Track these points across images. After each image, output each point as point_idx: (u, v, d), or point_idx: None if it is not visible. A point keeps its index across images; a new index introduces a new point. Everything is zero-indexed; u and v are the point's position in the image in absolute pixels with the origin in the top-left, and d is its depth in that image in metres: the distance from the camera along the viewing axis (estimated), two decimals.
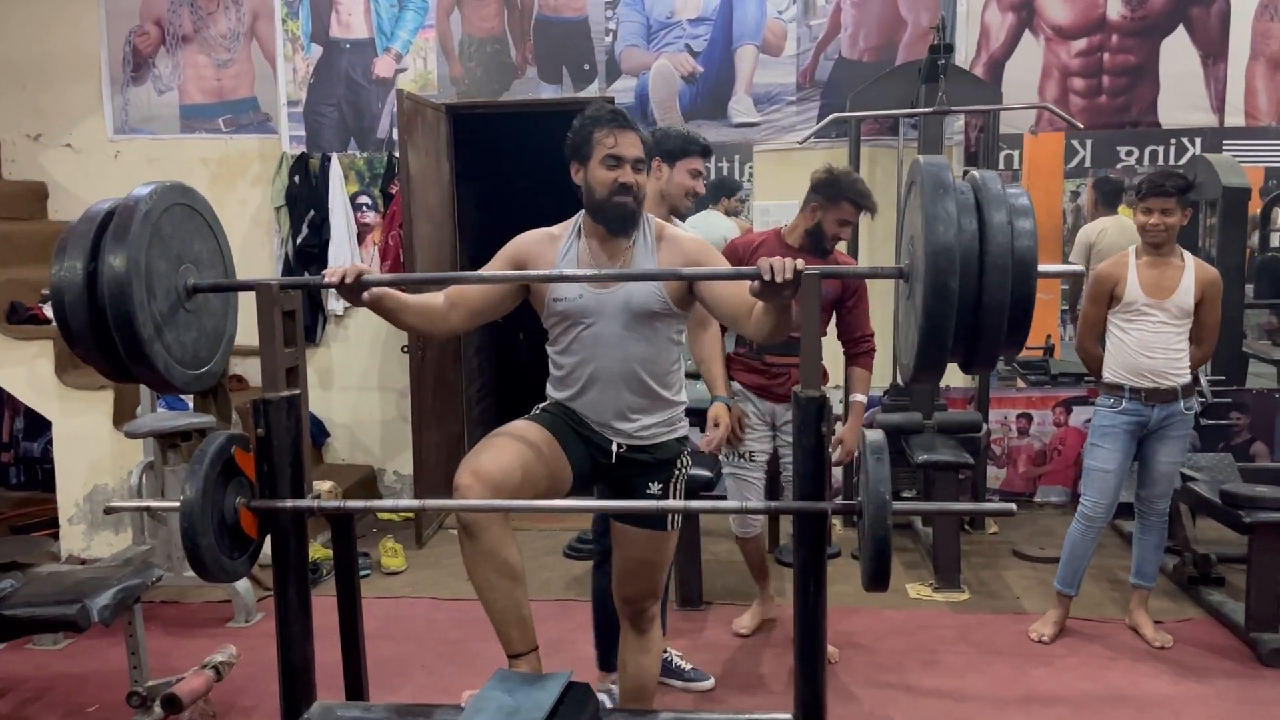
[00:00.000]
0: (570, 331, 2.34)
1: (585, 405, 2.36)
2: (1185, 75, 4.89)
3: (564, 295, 2.31)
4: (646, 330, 2.31)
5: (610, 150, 2.25)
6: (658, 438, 2.39)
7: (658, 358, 2.35)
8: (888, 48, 5.04)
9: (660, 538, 2.43)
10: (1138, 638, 3.62)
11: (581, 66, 5.24)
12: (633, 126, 2.30)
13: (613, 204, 2.27)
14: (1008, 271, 1.82)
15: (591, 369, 2.32)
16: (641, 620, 2.52)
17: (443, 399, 5.28)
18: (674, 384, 2.41)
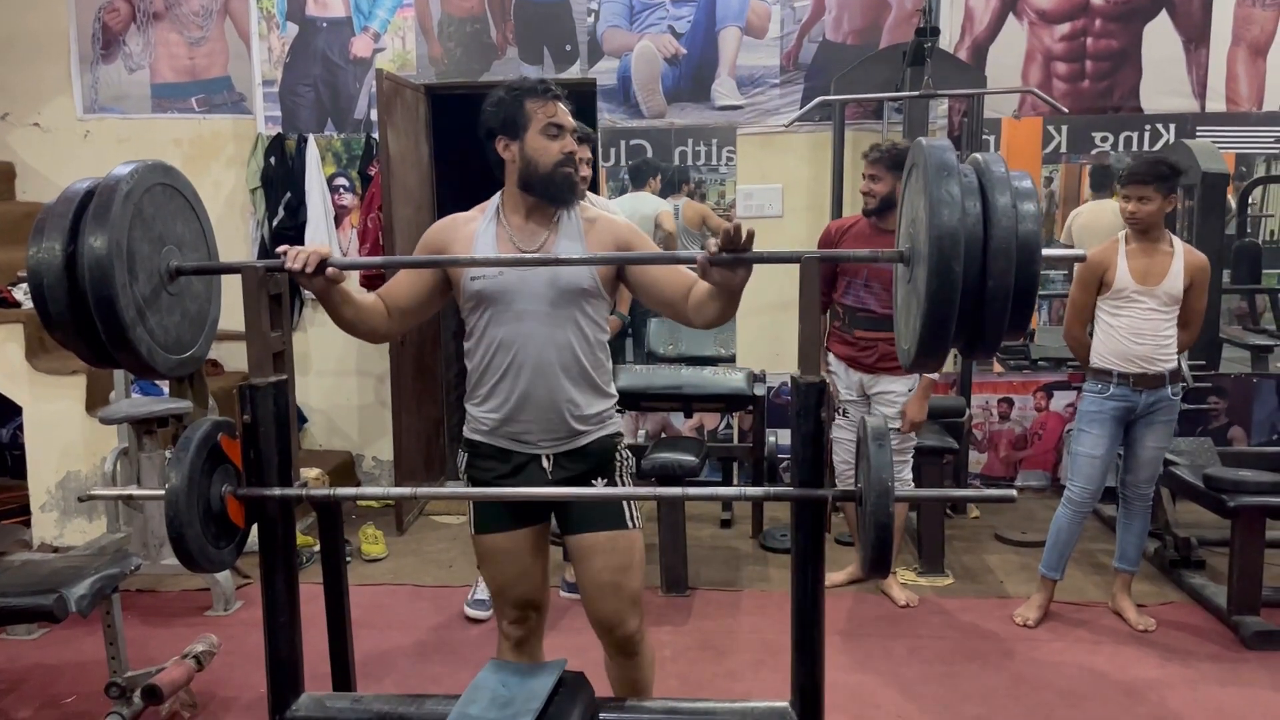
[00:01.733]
0: (489, 315, 2.20)
1: (505, 399, 2.21)
2: (1167, 60, 4.89)
3: (482, 273, 2.18)
4: (574, 310, 2.19)
5: (551, 119, 2.17)
6: (589, 436, 2.26)
7: (587, 343, 2.23)
8: (871, 30, 5.01)
9: (623, 538, 2.27)
10: (1121, 621, 3.64)
11: (563, 47, 5.18)
12: (563, 96, 2.23)
13: (560, 174, 2.18)
14: (1012, 256, 1.80)
15: (514, 355, 2.18)
16: (629, 645, 2.34)
17: (422, 384, 5.22)
18: (605, 372, 2.30)
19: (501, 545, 2.32)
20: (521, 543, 2.32)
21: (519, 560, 2.33)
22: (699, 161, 5.13)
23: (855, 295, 3.63)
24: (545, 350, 2.18)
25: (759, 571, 4.18)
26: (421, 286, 2.25)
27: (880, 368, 3.63)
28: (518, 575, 2.34)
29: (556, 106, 2.18)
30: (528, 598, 2.38)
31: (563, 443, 2.25)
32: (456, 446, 5.98)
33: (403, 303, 2.25)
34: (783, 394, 5.18)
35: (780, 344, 5.12)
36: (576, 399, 2.23)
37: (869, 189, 3.59)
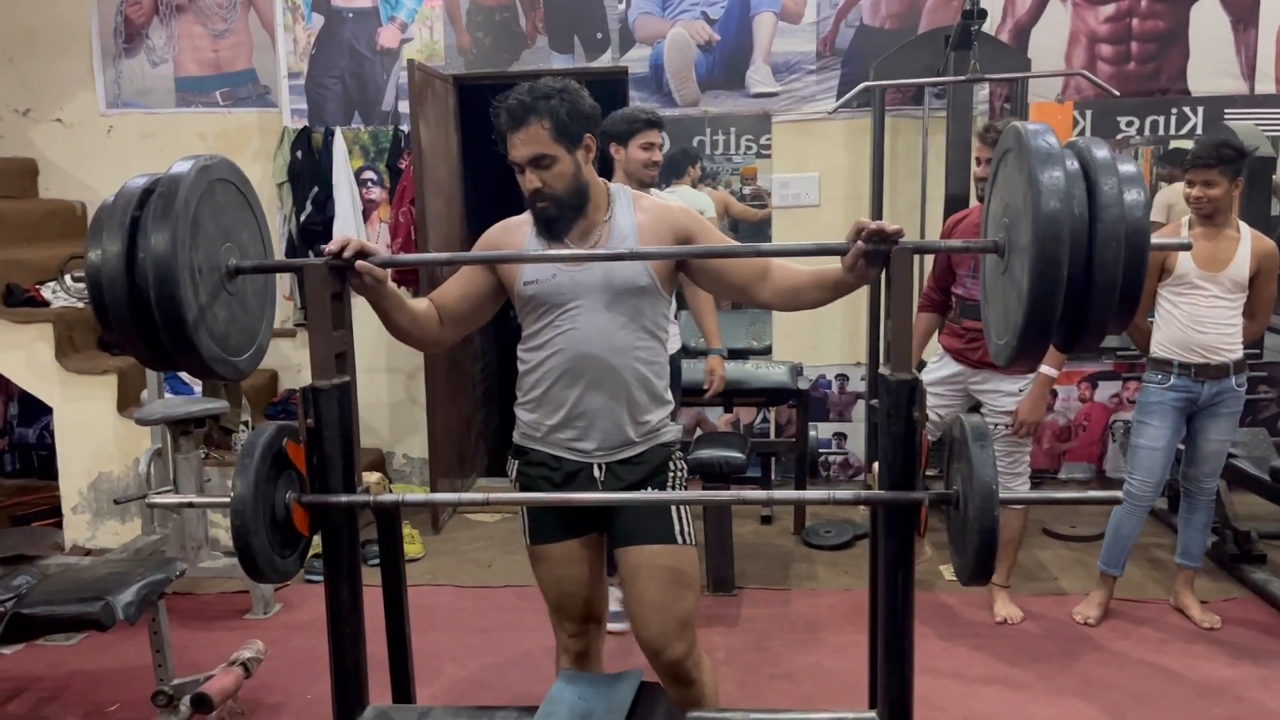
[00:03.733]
0: (544, 318, 2.12)
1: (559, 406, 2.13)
2: (1216, 41, 4.76)
3: (535, 276, 2.10)
4: (631, 311, 2.10)
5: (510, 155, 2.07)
6: (644, 444, 2.17)
7: (645, 349, 2.14)
8: (910, 14, 4.89)
9: (672, 553, 2.15)
10: (1185, 619, 3.54)
11: (594, 35, 5.07)
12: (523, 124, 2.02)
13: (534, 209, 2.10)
14: (1121, 244, 1.70)
15: (569, 360, 2.10)
16: (679, 672, 2.18)
17: (454, 380, 5.14)
18: (663, 377, 2.20)
19: (557, 555, 2.24)
20: (577, 553, 2.24)
21: (575, 571, 2.25)
22: (728, 150, 5.02)
23: (964, 285, 3.47)
24: (601, 355, 2.10)
25: (806, 569, 4.09)
26: (474, 292, 2.17)
27: (988, 364, 3.44)
28: (576, 586, 2.26)
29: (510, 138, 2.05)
30: (587, 610, 2.30)
31: (616, 451, 2.17)
32: (486, 444, 5.92)
33: (454, 309, 2.17)
34: (820, 387, 5.09)
35: (817, 336, 5.02)
36: (633, 406, 2.15)
37: (986, 173, 3.36)
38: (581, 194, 2.09)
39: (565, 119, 2.03)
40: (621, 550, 2.19)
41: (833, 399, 5.14)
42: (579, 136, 2.07)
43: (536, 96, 2.02)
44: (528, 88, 2.04)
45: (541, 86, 2.04)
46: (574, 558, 2.24)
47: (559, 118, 2.02)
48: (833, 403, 5.14)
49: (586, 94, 2.10)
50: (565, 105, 2.03)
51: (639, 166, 3.37)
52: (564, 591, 2.27)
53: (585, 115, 2.08)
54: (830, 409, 5.14)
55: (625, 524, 2.18)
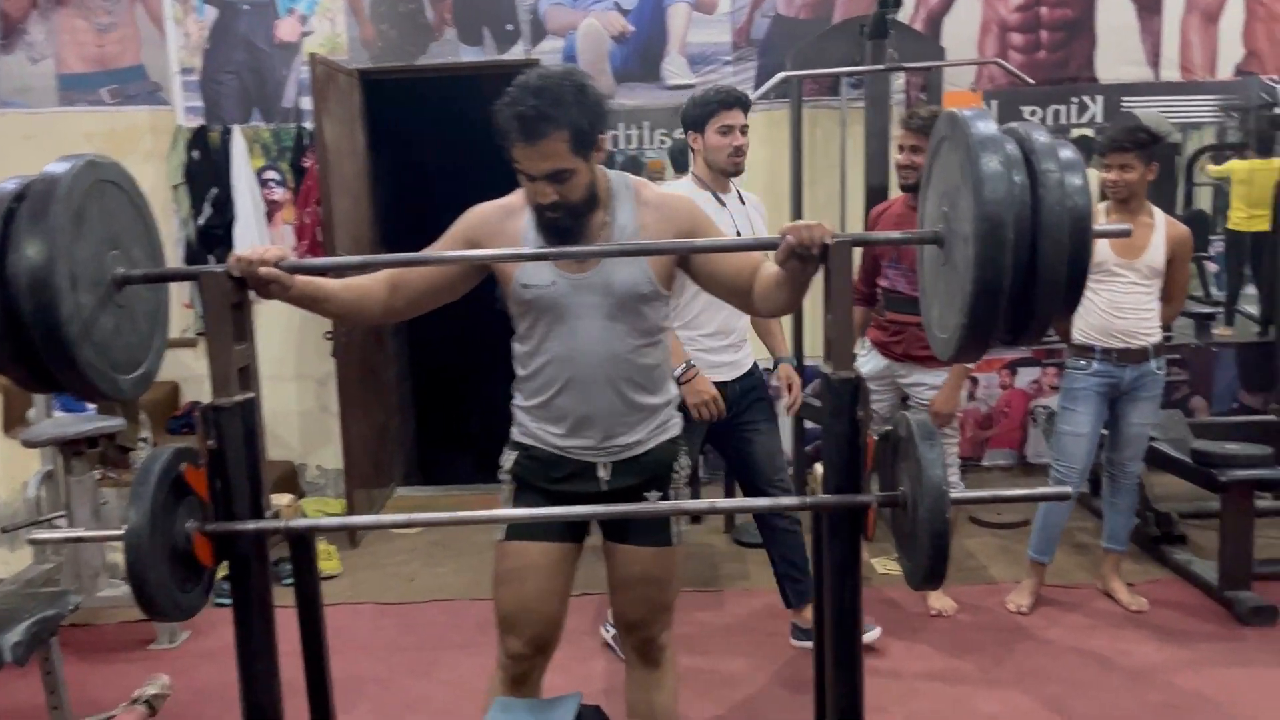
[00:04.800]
0: (541, 325, 2.01)
1: (563, 416, 2.04)
2: (1122, 29, 4.84)
3: (533, 281, 1.97)
4: (633, 319, 2.00)
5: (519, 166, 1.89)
6: (651, 442, 2.10)
7: (648, 352, 2.05)
8: (824, 4, 4.86)
9: (665, 554, 2.13)
10: (1113, 602, 3.57)
11: (504, 27, 4.92)
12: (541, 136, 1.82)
13: (542, 217, 1.93)
14: (1065, 231, 1.65)
15: (570, 372, 2.01)
16: (651, 649, 2.20)
17: (368, 386, 4.94)
18: (666, 381, 2.14)
19: (531, 557, 2.08)
20: (554, 558, 2.09)
21: (545, 582, 2.09)
22: (644, 144, 4.93)
23: (888, 277, 3.43)
24: (605, 366, 2.00)
25: (738, 569, 4.02)
26: (445, 276, 2.03)
27: (911, 356, 3.40)
28: (538, 597, 2.09)
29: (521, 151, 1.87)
30: (541, 629, 2.11)
31: (622, 452, 2.07)
32: (405, 452, 5.74)
33: (419, 290, 2.02)
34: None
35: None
36: (638, 409, 2.06)
37: (910, 161, 3.27)
38: (594, 199, 1.96)
39: (585, 128, 1.86)
40: (615, 546, 2.14)
41: None
42: (593, 145, 1.91)
43: (552, 102, 1.82)
44: (537, 88, 1.82)
45: (555, 88, 1.83)
46: (549, 562, 2.08)
47: (579, 128, 1.85)
48: None
49: (594, 85, 1.93)
50: (586, 114, 1.85)
51: (720, 155, 3.00)
52: (524, 602, 2.09)
53: (602, 117, 1.91)
54: None
55: (628, 524, 2.13)
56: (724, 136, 2.99)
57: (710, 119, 2.99)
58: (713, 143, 3.00)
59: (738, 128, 3.00)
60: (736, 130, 3.00)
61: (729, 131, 2.99)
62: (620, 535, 2.13)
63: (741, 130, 3.01)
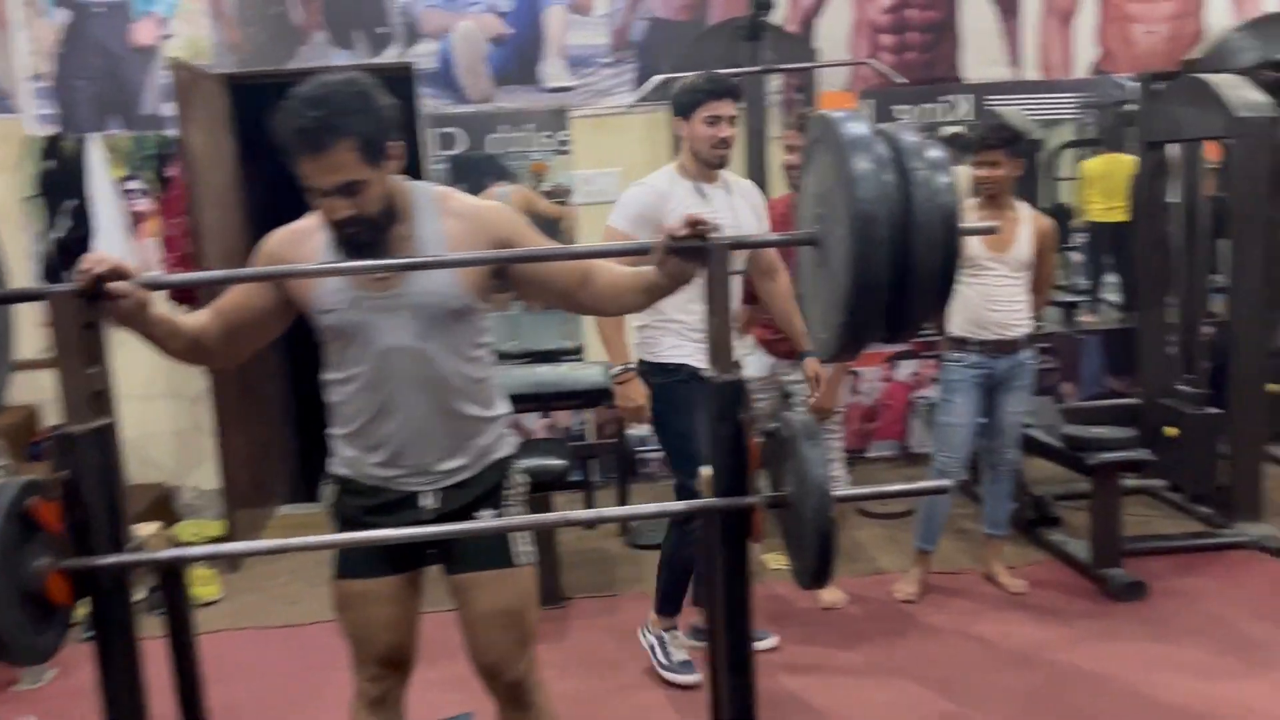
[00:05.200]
0: (348, 350, 1.88)
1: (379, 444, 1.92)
2: (984, 31, 5.00)
3: (332, 305, 1.84)
4: (447, 336, 1.88)
5: (307, 181, 1.77)
6: (477, 465, 1.98)
7: (468, 369, 1.93)
8: (700, 6, 4.89)
9: (510, 577, 1.99)
10: (995, 586, 3.68)
11: (377, 30, 4.81)
12: (324, 148, 1.71)
13: (339, 233, 1.81)
14: (936, 229, 1.68)
15: (382, 396, 1.88)
16: (518, 693, 2.04)
17: (246, 401, 4.76)
18: (491, 397, 2.01)
19: (366, 591, 1.99)
20: (391, 590, 1.99)
21: (385, 610, 2.00)
22: (525, 147, 4.88)
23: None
24: (420, 390, 1.88)
25: (633, 572, 4.01)
26: (258, 306, 1.91)
27: (796, 354, 3.43)
28: (382, 626, 2.00)
29: (307, 163, 1.75)
30: (391, 654, 2.03)
31: (447, 476, 1.96)
32: (288, 468, 5.55)
33: (235, 324, 1.91)
34: None
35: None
36: (460, 433, 1.95)
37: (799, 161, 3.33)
38: (392, 209, 1.84)
39: (374, 136, 1.75)
40: (457, 577, 2.01)
41: None
42: (386, 149, 1.80)
43: (334, 112, 1.71)
44: (317, 98, 1.72)
45: (335, 98, 1.72)
46: (387, 597, 2.00)
47: (366, 136, 1.74)
48: None
49: (381, 90, 1.81)
50: (372, 121, 1.75)
51: (705, 145, 2.89)
52: (370, 630, 2.01)
53: (391, 123, 1.81)
54: None
55: (459, 549, 2.00)
56: (710, 127, 2.88)
57: (697, 107, 2.89)
58: (698, 132, 2.89)
59: (725, 119, 2.90)
60: (724, 121, 2.89)
61: (716, 122, 2.88)
62: (455, 564, 2.01)
63: (730, 121, 2.91)
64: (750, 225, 3.01)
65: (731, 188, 3.06)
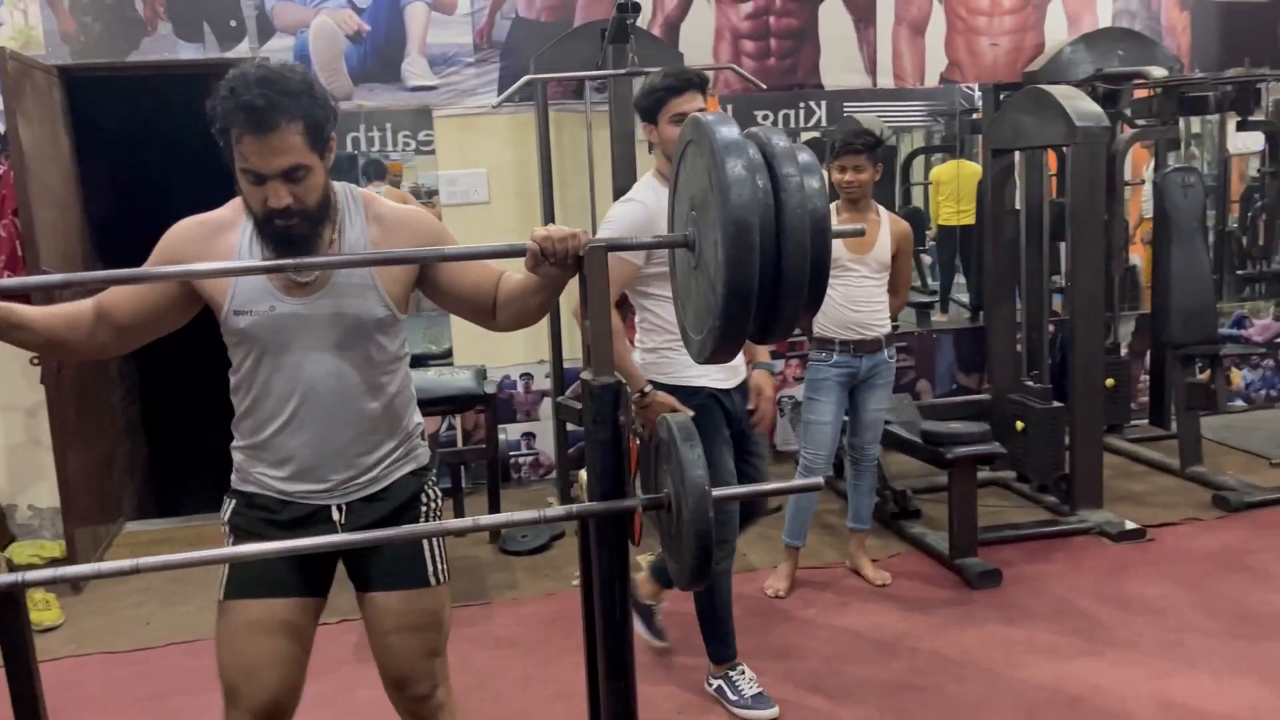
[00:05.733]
0: (261, 357, 1.80)
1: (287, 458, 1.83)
2: (842, 39, 5.15)
3: (249, 307, 1.75)
4: (366, 346, 1.83)
5: (248, 164, 1.67)
6: (390, 477, 1.92)
7: (385, 381, 1.88)
8: (565, 7, 4.88)
9: (425, 596, 1.93)
10: (860, 579, 3.79)
11: (227, 23, 4.61)
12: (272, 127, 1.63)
13: (271, 227, 1.71)
14: (806, 232, 1.71)
15: (293, 407, 1.80)
16: (425, 710, 1.97)
17: (87, 413, 4.48)
18: (407, 409, 1.96)
19: (257, 617, 1.84)
20: (285, 616, 1.85)
21: (274, 645, 1.84)
22: (386, 147, 4.77)
23: None
24: (336, 401, 1.81)
25: (506, 579, 3.96)
26: (157, 302, 1.78)
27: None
28: (267, 663, 1.84)
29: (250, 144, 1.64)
30: (270, 697, 1.84)
31: (357, 491, 1.88)
32: (135, 481, 5.25)
33: (128, 317, 1.78)
34: (505, 388, 4.97)
35: (499, 336, 4.86)
36: (377, 446, 1.88)
37: None
38: (328, 206, 1.76)
39: (320, 121, 1.69)
40: (371, 595, 1.92)
41: (519, 399, 5.04)
42: (327, 142, 1.73)
43: (282, 92, 1.64)
44: (262, 78, 1.64)
45: (282, 80, 1.65)
46: (278, 625, 1.84)
47: (313, 120, 1.67)
48: (519, 403, 5.05)
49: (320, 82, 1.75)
50: (317, 106, 1.68)
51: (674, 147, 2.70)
52: (251, 670, 1.83)
53: (333, 114, 1.74)
54: (517, 409, 5.05)
55: (371, 568, 1.91)
56: (677, 127, 2.57)
57: (662, 107, 2.66)
58: (667, 134, 2.64)
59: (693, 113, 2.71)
60: None
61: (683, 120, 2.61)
62: (368, 581, 1.92)
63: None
64: None
65: None
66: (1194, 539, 4.08)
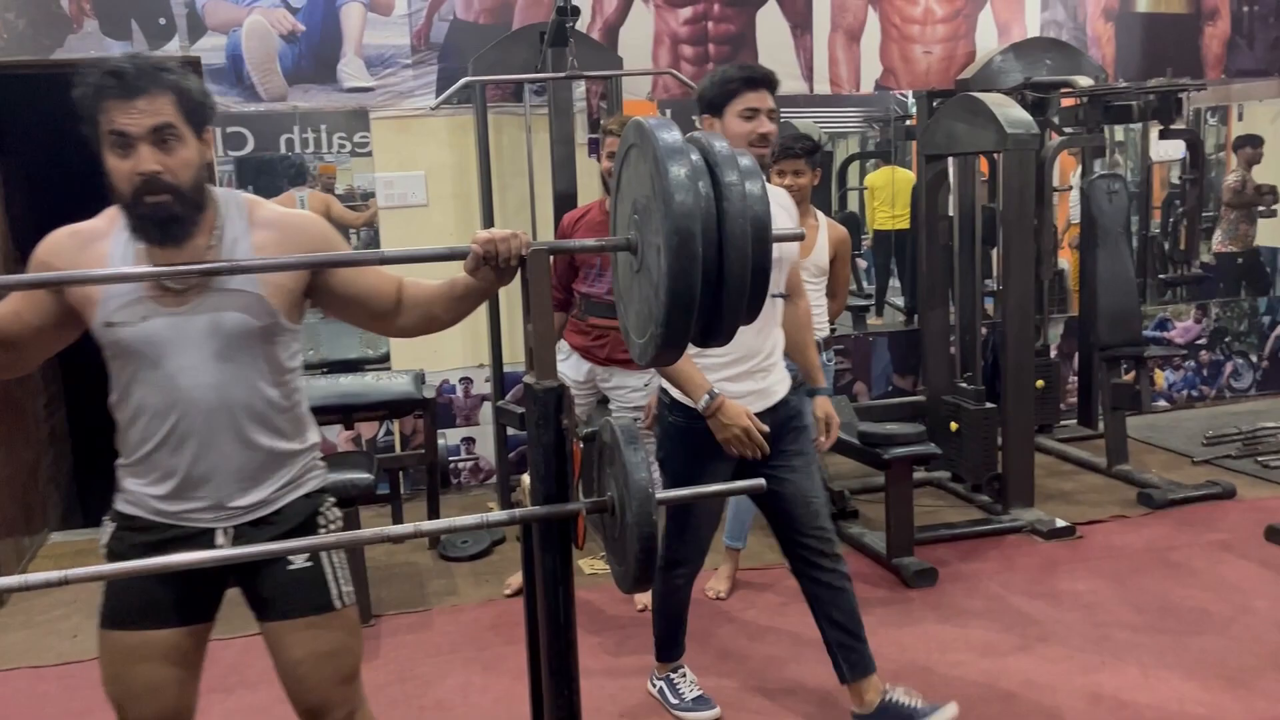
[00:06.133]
0: (136, 370, 1.71)
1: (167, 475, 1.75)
2: (779, 45, 5.20)
3: (120, 318, 1.67)
4: (251, 357, 1.74)
5: (115, 126, 1.60)
6: (280, 500, 1.84)
7: (274, 395, 1.79)
8: (503, 10, 4.85)
9: (332, 620, 1.86)
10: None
11: (156, 20, 4.50)
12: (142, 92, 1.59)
13: (142, 206, 1.63)
14: (748, 239, 1.72)
15: (171, 423, 1.72)
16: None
17: (9, 421, 4.35)
18: (299, 425, 1.88)
19: (142, 646, 1.78)
20: (172, 644, 1.80)
21: (161, 670, 1.79)
22: (321, 149, 4.70)
23: (589, 282, 3.42)
24: (214, 415, 1.73)
25: (445, 585, 3.92)
26: (32, 322, 1.71)
27: (614, 360, 3.43)
28: (153, 688, 1.79)
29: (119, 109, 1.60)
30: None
31: (244, 514, 1.80)
32: (60, 491, 5.10)
33: (10, 334, 1.71)
34: (444, 392, 4.93)
35: (437, 339, 4.77)
36: (262, 464, 1.80)
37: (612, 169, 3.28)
38: (203, 197, 1.70)
39: (194, 99, 1.65)
40: (273, 624, 1.85)
41: (458, 403, 5.00)
42: (203, 126, 1.69)
43: (154, 66, 1.62)
44: (131, 56, 1.63)
45: (153, 61, 1.64)
46: (160, 655, 1.79)
47: (187, 94, 1.64)
48: (459, 407, 5.01)
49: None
50: (191, 87, 1.65)
51: (742, 144, 2.46)
52: (131, 694, 1.79)
53: (210, 103, 1.71)
54: (456, 414, 5.00)
55: (270, 595, 1.84)
56: (747, 122, 2.51)
57: (731, 100, 2.53)
58: (733, 129, 2.52)
59: (764, 112, 2.52)
60: (763, 115, 2.52)
61: (754, 116, 2.51)
62: (268, 609, 1.85)
63: (769, 115, 2.54)
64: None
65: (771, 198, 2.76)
66: (1120, 535, 4.20)
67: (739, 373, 2.65)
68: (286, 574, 1.83)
